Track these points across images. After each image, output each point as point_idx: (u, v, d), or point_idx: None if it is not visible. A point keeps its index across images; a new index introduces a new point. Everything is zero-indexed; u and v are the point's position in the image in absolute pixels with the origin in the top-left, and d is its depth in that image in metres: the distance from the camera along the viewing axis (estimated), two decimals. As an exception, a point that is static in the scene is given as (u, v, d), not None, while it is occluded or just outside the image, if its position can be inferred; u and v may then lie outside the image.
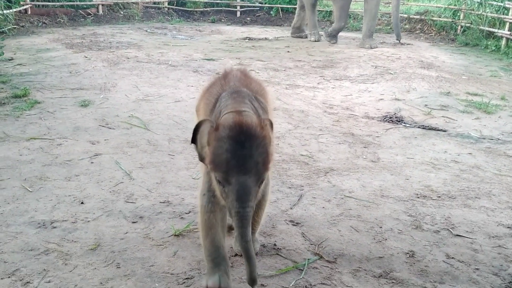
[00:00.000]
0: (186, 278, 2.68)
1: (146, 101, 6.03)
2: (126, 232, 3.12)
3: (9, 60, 7.91)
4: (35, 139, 4.59)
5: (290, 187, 3.92)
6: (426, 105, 6.49)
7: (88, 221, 3.23)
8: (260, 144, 2.10)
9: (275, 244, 3.09)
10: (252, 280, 2.17)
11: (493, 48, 11.66)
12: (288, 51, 10.20)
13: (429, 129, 5.57)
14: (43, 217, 3.24)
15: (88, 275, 2.67)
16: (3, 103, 5.60)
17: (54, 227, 3.13)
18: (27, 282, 2.59)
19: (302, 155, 4.62)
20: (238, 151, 2.07)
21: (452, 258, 3.02)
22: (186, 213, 3.39)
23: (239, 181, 2.08)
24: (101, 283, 2.61)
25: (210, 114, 2.46)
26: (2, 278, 2.61)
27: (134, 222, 3.25)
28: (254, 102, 2.44)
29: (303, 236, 3.21)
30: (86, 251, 2.90)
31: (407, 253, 3.05)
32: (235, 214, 2.11)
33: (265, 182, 2.40)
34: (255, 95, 2.53)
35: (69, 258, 2.82)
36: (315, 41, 11.61)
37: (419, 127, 5.59)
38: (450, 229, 3.35)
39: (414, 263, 2.94)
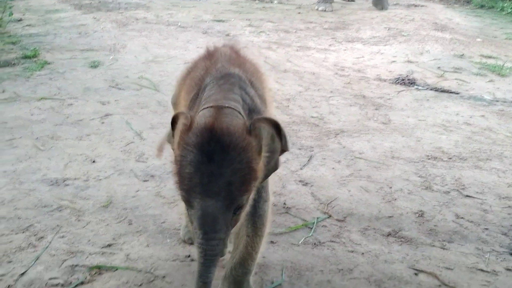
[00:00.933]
0: (197, 235, 2.72)
1: (156, 63, 5.98)
2: (138, 190, 3.15)
3: (18, 21, 7.87)
4: (45, 99, 4.60)
5: (300, 149, 3.92)
6: (439, 67, 6.38)
7: (100, 179, 3.27)
8: (237, 158, 1.61)
9: (284, 203, 3.11)
10: None
11: (509, 10, 11.34)
12: (299, 13, 10.01)
13: (442, 91, 5.49)
14: (55, 175, 3.28)
15: (101, 231, 2.72)
16: (13, 64, 5.59)
17: (67, 185, 3.17)
18: (41, 237, 2.65)
19: (312, 117, 4.59)
20: (203, 166, 1.59)
21: (462, 218, 3.02)
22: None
23: (201, 206, 1.61)
24: (113, 238, 2.66)
25: (192, 107, 1.99)
26: (16, 233, 2.67)
27: (145, 181, 3.27)
28: (247, 89, 1.97)
29: (313, 196, 3.22)
30: (99, 208, 2.94)
31: (417, 213, 3.06)
32: (197, 247, 1.66)
33: (261, 199, 2.00)
34: (250, 78, 2.06)
35: (81, 214, 2.87)
36: (323, 11, 10.78)
37: (431, 90, 5.52)
38: (460, 190, 3.35)
39: (423, 223, 2.96)
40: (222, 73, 1.98)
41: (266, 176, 1.86)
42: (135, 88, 5.04)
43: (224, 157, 1.59)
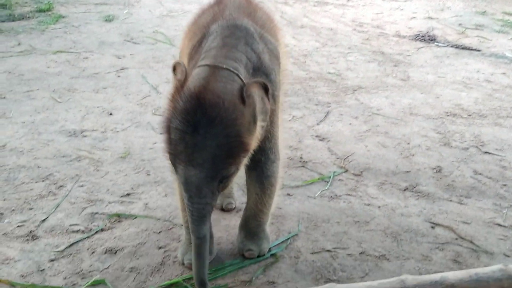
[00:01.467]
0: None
1: (170, 17, 5.90)
2: (155, 143, 3.15)
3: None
4: (61, 52, 4.58)
5: (316, 104, 3.88)
6: (460, 24, 6.21)
7: (118, 131, 3.28)
8: (224, 131, 1.55)
9: (301, 157, 3.10)
10: (200, 283, 1.73)
11: (536, -34, 10.90)
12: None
13: (462, 48, 5.35)
14: (73, 127, 3.30)
15: (120, 181, 2.75)
16: (28, 17, 5.56)
17: (85, 136, 3.19)
18: (61, 186, 2.68)
19: (329, 73, 4.52)
20: (187, 136, 1.55)
21: (480, 174, 2.99)
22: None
23: (185, 174, 1.60)
24: (132, 188, 2.69)
25: (193, 56, 1.88)
26: (36, 182, 2.71)
27: (163, 133, 3.27)
28: (254, 44, 1.83)
29: (329, 151, 3.21)
30: (117, 158, 2.97)
31: (434, 168, 3.03)
32: (186, 206, 1.68)
33: (269, 160, 1.97)
34: (260, 31, 1.92)
35: (100, 165, 2.89)
36: None
37: (452, 47, 5.38)
38: (479, 147, 3.30)
39: (441, 178, 2.94)
40: (228, 23, 1.85)
41: (265, 137, 1.84)
42: (150, 43, 5.00)
43: (209, 130, 1.53)
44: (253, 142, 1.71)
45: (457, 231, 2.47)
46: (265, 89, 1.68)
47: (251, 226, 2.18)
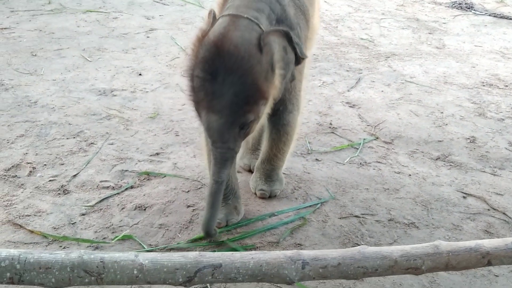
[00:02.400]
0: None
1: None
2: (184, 104, 3.14)
3: None
4: (91, 11, 4.57)
5: (348, 70, 3.80)
6: (500, -8, 5.96)
7: (147, 91, 3.28)
8: (241, 79, 1.61)
9: (330, 123, 3.06)
10: (206, 230, 1.78)
11: None
12: None
13: (501, 17, 5.15)
14: (103, 86, 3.31)
15: (149, 140, 2.76)
16: (58, -24, 5.53)
17: (114, 95, 3.20)
18: (91, 143, 2.71)
19: (362, 39, 4.41)
20: (207, 84, 1.63)
21: (516, 146, 2.91)
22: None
23: (207, 120, 1.69)
24: (161, 147, 2.70)
25: (223, 6, 1.90)
26: (67, 138, 2.74)
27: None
28: None
29: (360, 118, 3.15)
30: (146, 118, 2.97)
31: (468, 138, 2.96)
32: (210, 150, 1.77)
33: (286, 110, 2.02)
34: None
35: (130, 124, 2.91)
36: None
37: (490, 15, 5.18)
38: (516, 118, 3.20)
39: (474, 148, 2.86)
40: None
41: (285, 89, 1.87)
42: (179, 4, 4.94)
43: (226, 78, 1.60)
44: (272, 90, 1.76)
45: (489, 202, 2.41)
46: (288, 38, 1.72)
47: (266, 168, 2.28)
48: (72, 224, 2.12)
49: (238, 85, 1.61)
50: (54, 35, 4.03)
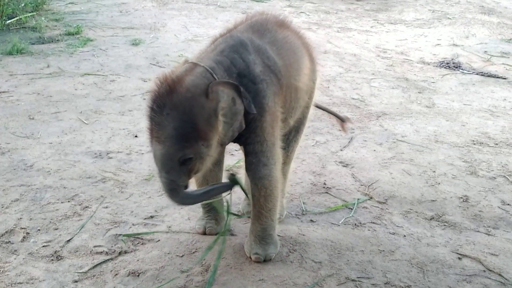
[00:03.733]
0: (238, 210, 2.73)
1: (195, 41, 5.99)
2: (178, 165, 3.17)
3: (62, -2, 7.99)
4: (89, 74, 4.68)
5: (340, 130, 3.86)
6: (485, 51, 6.16)
7: (142, 153, 3.31)
8: (183, 117, 1.84)
9: (324, 183, 3.08)
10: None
11: (562, -6, 10.82)
12: (340, -6, 9.81)
13: (488, 76, 5.30)
14: (99, 148, 3.35)
15: (143, 203, 2.76)
16: (57, 40, 5.70)
17: (110, 158, 3.23)
18: (86, 207, 2.71)
19: (353, 98, 4.52)
20: (155, 115, 1.87)
21: (508, 204, 2.93)
22: (236, 150, 3.41)
23: (153, 148, 1.93)
24: (155, 210, 2.70)
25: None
26: (62, 202, 2.74)
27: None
28: (245, 54, 2.03)
29: (353, 177, 3.18)
30: (141, 181, 2.99)
31: (461, 197, 2.98)
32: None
33: (260, 163, 2.13)
34: (262, 46, 2.11)
35: (124, 186, 2.92)
36: None
37: (477, 74, 5.34)
38: (507, 176, 3.24)
39: (467, 208, 2.88)
40: (229, 35, 2.13)
41: (232, 137, 2.00)
42: (175, 66, 5.07)
43: (171, 113, 1.82)
44: (213, 134, 1.93)
45: (485, 263, 2.41)
46: (237, 91, 1.91)
47: (257, 230, 2.30)
48: (64, 292, 2.09)
49: (178, 121, 1.83)
50: (52, 98, 4.11)
